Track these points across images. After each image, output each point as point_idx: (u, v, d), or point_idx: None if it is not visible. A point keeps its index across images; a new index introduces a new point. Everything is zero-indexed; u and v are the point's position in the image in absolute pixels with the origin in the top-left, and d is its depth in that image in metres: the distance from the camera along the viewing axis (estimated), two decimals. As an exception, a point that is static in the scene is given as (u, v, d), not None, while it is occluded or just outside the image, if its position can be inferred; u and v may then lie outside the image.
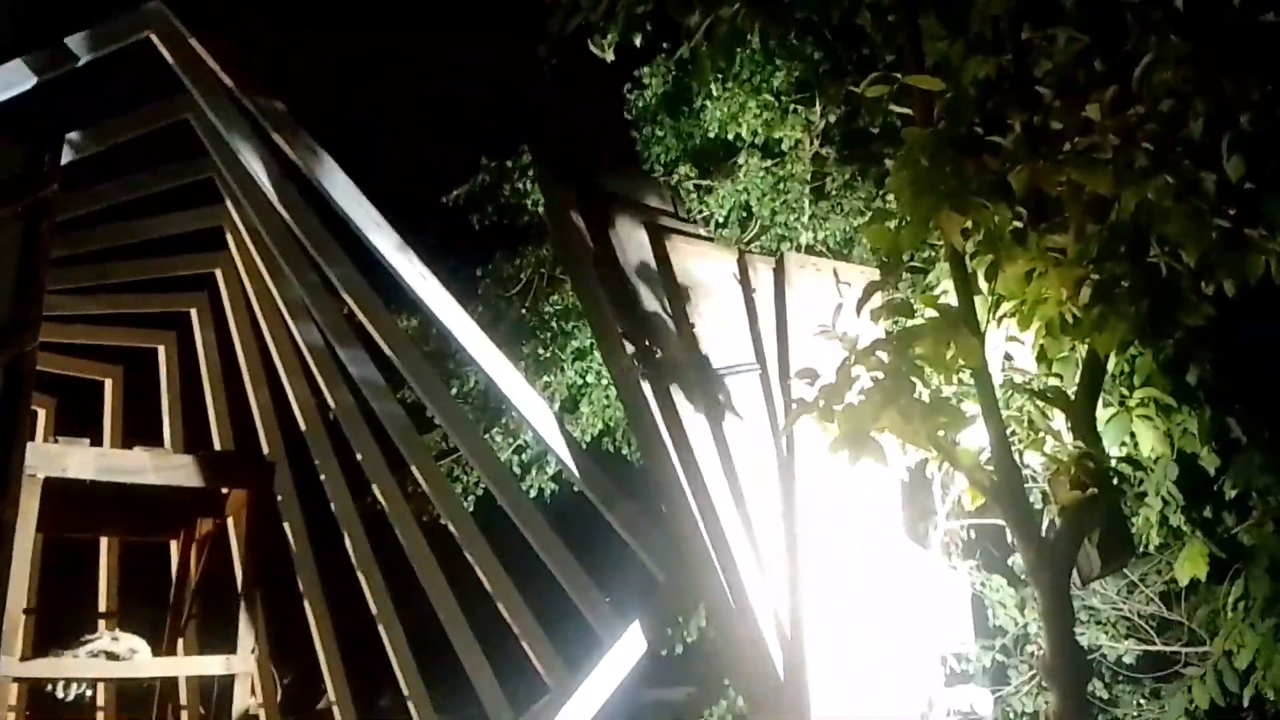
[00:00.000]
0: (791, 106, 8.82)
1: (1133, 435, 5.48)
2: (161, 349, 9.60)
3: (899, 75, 4.59)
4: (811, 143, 9.08)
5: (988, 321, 4.94)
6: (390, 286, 6.16)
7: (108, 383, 9.84)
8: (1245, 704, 7.79)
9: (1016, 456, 4.85)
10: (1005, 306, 4.89)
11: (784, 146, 8.84)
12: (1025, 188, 4.26)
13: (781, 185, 8.84)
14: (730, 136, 8.81)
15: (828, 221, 8.72)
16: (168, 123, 6.64)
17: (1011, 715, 8.79)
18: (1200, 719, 8.45)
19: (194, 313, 9.21)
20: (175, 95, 6.36)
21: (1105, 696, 9.33)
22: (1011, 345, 5.22)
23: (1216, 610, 7.73)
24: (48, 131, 4.92)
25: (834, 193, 8.84)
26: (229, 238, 8.32)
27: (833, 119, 8.83)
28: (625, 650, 5.59)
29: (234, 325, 8.77)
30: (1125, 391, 5.78)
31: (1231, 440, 6.86)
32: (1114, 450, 5.69)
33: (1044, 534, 4.68)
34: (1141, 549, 8.27)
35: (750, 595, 5.33)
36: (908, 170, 4.43)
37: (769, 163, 8.82)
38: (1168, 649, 8.51)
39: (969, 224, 4.30)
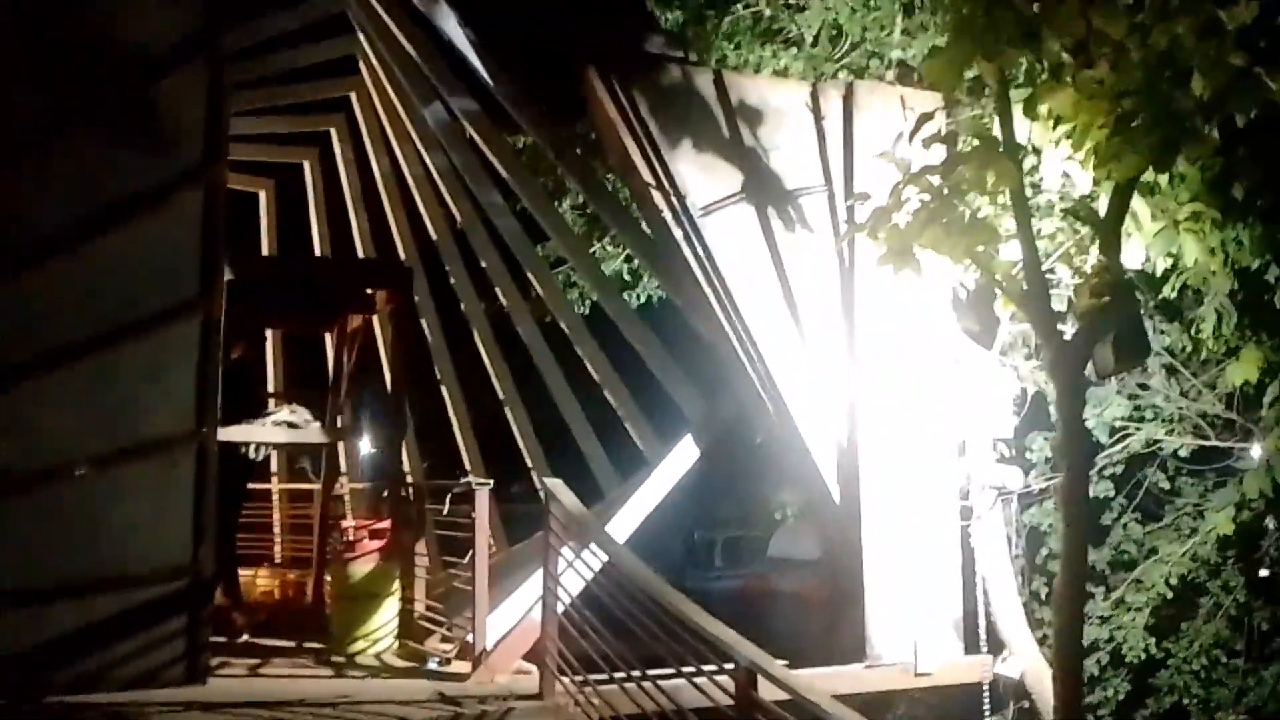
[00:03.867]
0: None
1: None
2: (306, 164, 10.72)
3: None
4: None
5: (1046, 143, 5.48)
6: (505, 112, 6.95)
7: (261, 194, 11.07)
8: (1292, 495, 8.41)
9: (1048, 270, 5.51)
10: (1061, 129, 5.36)
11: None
12: (1060, 32, 4.72)
13: (871, 2, 9.05)
14: None
15: (916, 40, 8.95)
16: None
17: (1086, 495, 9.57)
18: (1248, 508, 9.14)
19: (333, 131, 10.23)
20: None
21: (1167, 487, 10.05)
22: (1070, 165, 5.72)
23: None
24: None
25: (922, 8, 9.01)
26: (361, 64, 9.16)
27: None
28: (705, 427, 6.63)
29: (369, 143, 9.77)
30: (1175, 205, 6.21)
31: (1285, 254, 7.19)
32: (1161, 262, 6.26)
33: (1065, 337, 5.37)
34: (1203, 356, 8.80)
35: (799, 409, 6.15)
36: (953, 15, 4.94)
37: (859, -19, 9.00)
38: (1223, 444, 9.13)
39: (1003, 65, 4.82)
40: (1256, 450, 8.78)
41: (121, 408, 5.27)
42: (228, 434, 6.86)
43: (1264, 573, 10.54)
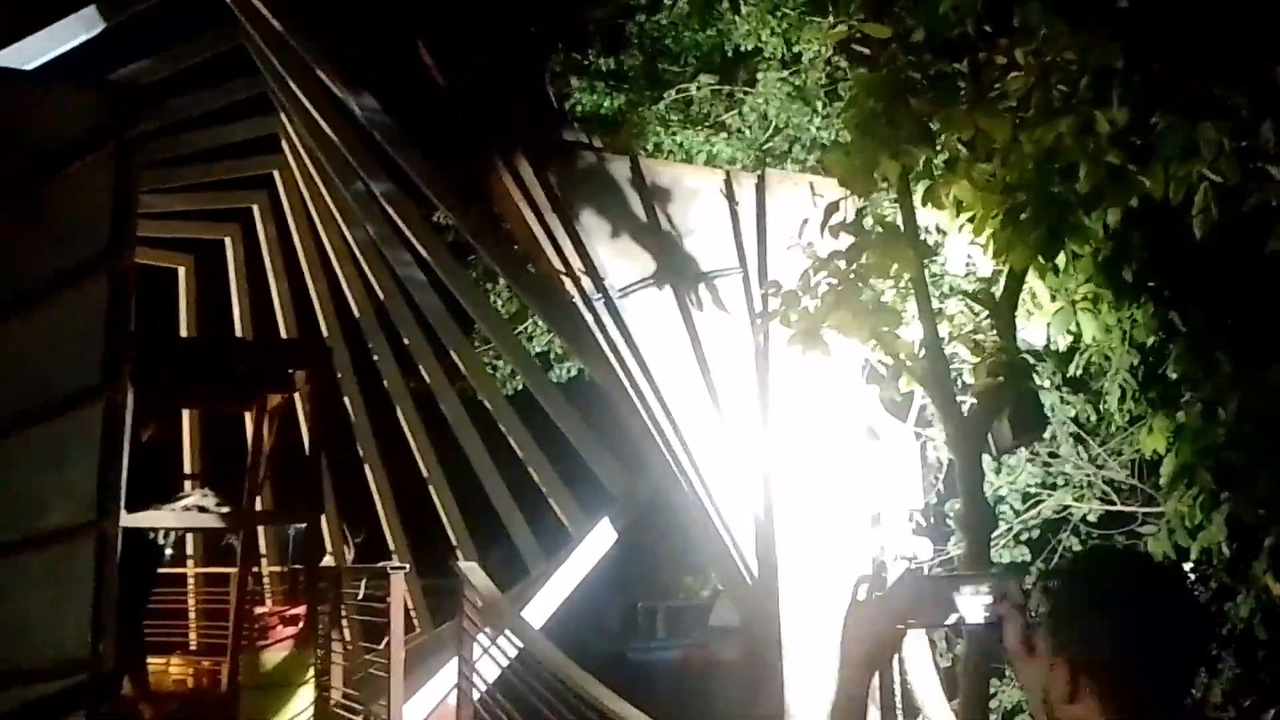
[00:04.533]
0: (807, 19, 9.28)
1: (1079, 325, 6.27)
2: (228, 239, 10.65)
3: (859, 20, 5.28)
4: (825, 49, 9.51)
5: (950, 228, 5.71)
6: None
7: (181, 270, 10.96)
8: (1194, 557, 8.70)
9: (948, 349, 5.71)
10: (963, 217, 5.59)
11: (804, 59, 9.38)
12: (951, 130, 4.98)
13: (795, 93, 9.43)
14: (750, 48, 9.30)
15: (835, 122, 9.29)
16: (226, 47, 7.48)
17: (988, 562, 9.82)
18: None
19: (255, 208, 10.21)
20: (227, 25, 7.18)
21: (1079, 550, 10.31)
22: (974, 249, 5.96)
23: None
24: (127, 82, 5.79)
25: (845, 95, 9.38)
26: (284, 143, 9.21)
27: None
28: (625, 507, 6.66)
29: (292, 221, 9.76)
30: (1073, 286, 6.50)
31: (1178, 329, 7.56)
32: (1061, 339, 6.54)
33: (964, 414, 5.54)
34: (1110, 426, 9.14)
35: (716, 486, 6.23)
36: (855, 110, 5.17)
37: (785, 73, 9.39)
38: (1127, 509, 9.42)
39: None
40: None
41: (17, 498, 5.10)
42: (135, 519, 6.71)
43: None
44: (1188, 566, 9.62)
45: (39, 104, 5.34)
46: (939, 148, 5.20)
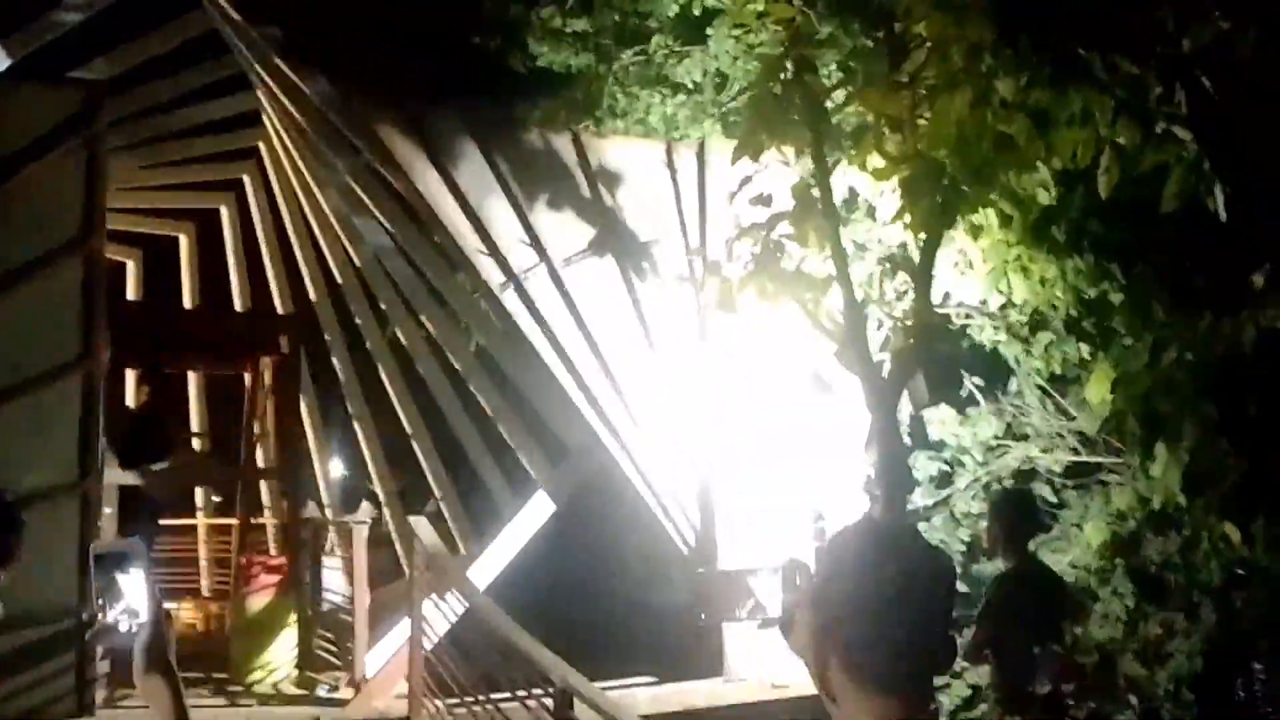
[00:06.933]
0: None
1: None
2: (223, 208, 11.15)
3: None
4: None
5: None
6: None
7: (182, 237, 11.48)
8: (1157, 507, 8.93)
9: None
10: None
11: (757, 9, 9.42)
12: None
13: (749, 51, 9.52)
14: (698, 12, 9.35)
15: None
16: (199, 32, 7.86)
17: (955, 514, 10.17)
18: (1132, 518, 9.65)
19: (246, 178, 10.68)
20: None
21: (1055, 500, 10.55)
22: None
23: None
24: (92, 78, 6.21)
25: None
26: (264, 118, 9.59)
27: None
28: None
29: (279, 190, 10.20)
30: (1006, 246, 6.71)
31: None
32: (995, 299, 6.81)
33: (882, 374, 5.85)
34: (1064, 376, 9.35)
35: (658, 454, 6.53)
36: (753, 91, 5.47)
37: (739, 31, 9.46)
38: (1093, 460, 9.65)
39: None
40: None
41: (5, 462, 5.64)
42: (127, 477, 7.27)
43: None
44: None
45: (12, 101, 5.80)
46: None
